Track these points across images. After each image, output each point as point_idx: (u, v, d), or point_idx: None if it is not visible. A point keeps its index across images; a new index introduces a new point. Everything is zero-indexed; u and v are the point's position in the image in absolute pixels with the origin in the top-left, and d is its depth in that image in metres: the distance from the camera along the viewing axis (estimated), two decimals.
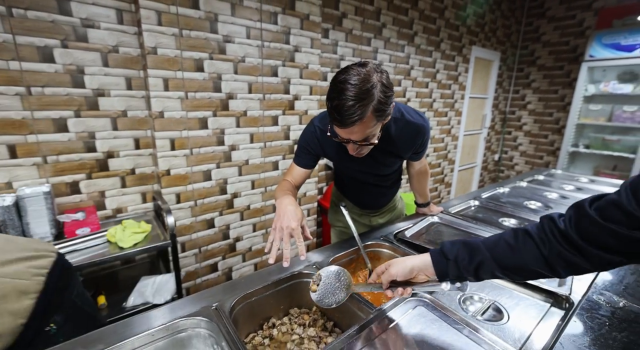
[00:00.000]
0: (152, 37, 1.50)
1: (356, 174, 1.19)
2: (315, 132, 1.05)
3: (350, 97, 0.73)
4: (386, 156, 1.07)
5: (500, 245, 0.61)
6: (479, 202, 1.63)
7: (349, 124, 0.76)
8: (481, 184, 4.77)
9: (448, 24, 3.23)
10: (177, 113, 1.65)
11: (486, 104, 4.28)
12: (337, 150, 1.05)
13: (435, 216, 1.40)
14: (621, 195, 0.50)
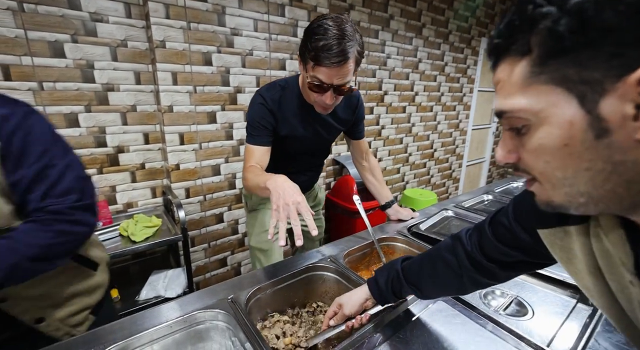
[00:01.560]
0: (160, 31, 1.49)
1: (300, 148, 1.11)
2: (264, 103, 0.99)
3: (339, 35, 0.78)
4: (332, 125, 1.10)
5: (423, 272, 0.67)
6: (492, 196, 1.61)
7: (341, 62, 0.79)
8: (489, 179, 4.71)
9: (457, 15, 3.17)
10: (185, 107, 1.65)
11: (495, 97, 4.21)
12: (293, 119, 1.03)
13: (449, 211, 1.38)
14: (508, 216, 0.54)
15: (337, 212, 2.49)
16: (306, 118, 1.04)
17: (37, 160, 0.66)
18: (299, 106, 1.02)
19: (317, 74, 0.84)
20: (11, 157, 0.63)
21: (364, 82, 2.58)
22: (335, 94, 0.88)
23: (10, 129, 0.63)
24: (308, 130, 1.06)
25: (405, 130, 3.10)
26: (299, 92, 1.02)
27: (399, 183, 3.27)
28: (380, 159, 2.96)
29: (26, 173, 0.64)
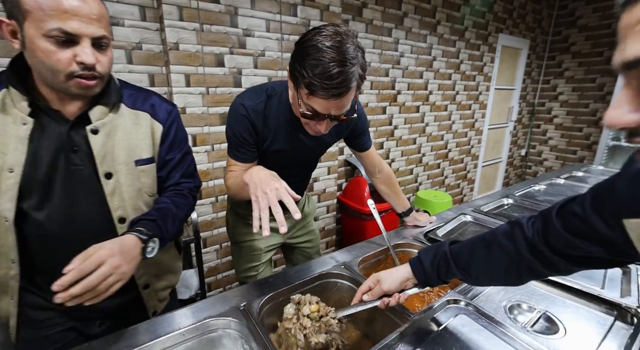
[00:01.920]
0: (174, 33, 1.49)
1: (285, 163, 1.00)
2: (246, 116, 0.87)
3: (339, 60, 0.66)
4: (324, 140, 1.00)
5: (475, 256, 0.63)
6: (512, 200, 1.54)
7: (342, 94, 0.69)
8: (506, 180, 4.58)
9: (473, 11, 3.08)
10: (198, 109, 1.65)
11: (513, 95, 4.09)
12: (279, 133, 0.91)
13: (468, 216, 1.33)
14: (584, 204, 0.49)
15: (349, 214, 2.46)
16: (294, 132, 0.92)
17: (182, 147, 0.86)
18: (287, 119, 0.90)
19: (312, 104, 0.73)
20: (167, 140, 0.82)
21: (377, 82, 2.54)
22: (332, 120, 0.78)
23: (171, 120, 0.82)
24: (296, 146, 0.95)
25: (418, 130, 3.03)
26: (287, 102, 0.89)
27: (412, 184, 3.21)
28: (393, 159, 2.91)
29: (175, 155, 0.84)
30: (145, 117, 0.78)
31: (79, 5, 0.58)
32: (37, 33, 0.57)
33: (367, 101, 2.52)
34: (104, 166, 0.71)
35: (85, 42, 0.60)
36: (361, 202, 2.33)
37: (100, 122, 0.71)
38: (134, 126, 0.76)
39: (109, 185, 0.73)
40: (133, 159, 0.76)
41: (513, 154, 4.52)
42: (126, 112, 0.76)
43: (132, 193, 0.76)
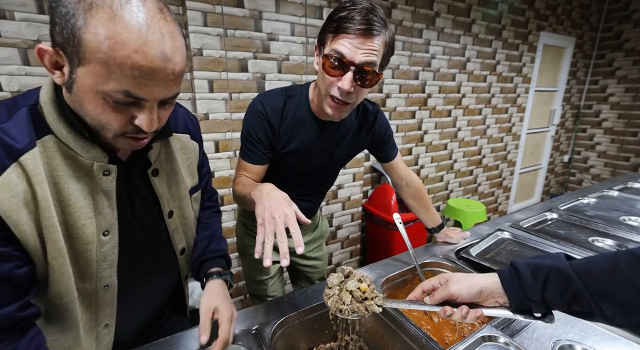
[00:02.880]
0: (197, 39, 1.49)
1: (303, 170, 0.94)
2: (263, 113, 0.83)
3: (368, 8, 0.68)
4: (345, 144, 0.94)
5: (618, 279, 0.44)
6: (557, 214, 1.38)
7: (368, 31, 0.66)
8: (546, 188, 4.24)
9: (512, 8, 2.87)
10: (221, 114, 1.63)
11: (555, 97, 3.78)
12: (297, 134, 0.86)
13: (505, 232, 1.19)
14: None
15: (375, 223, 2.35)
16: (313, 134, 0.88)
17: (206, 157, 0.82)
18: (306, 119, 0.87)
19: (338, 46, 0.68)
20: (201, 155, 0.77)
21: (406, 85, 2.42)
22: (357, 79, 0.70)
23: (200, 133, 0.77)
24: (314, 149, 0.90)
25: (450, 135, 2.87)
26: (308, 103, 0.87)
27: (442, 192, 3.04)
28: (422, 166, 2.77)
29: (206, 167, 0.81)
30: (187, 140, 0.71)
31: (162, 66, 0.44)
32: (93, 86, 0.43)
33: (395, 105, 2.41)
34: (167, 206, 0.67)
35: (152, 106, 0.48)
36: (387, 211, 2.22)
37: (158, 160, 0.64)
38: (181, 153, 0.69)
39: (172, 223, 0.69)
40: (187, 190, 0.72)
41: (554, 160, 4.18)
42: (171, 139, 0.67)
43: (189, 224, 0.74)
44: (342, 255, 2.35)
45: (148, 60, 0.42)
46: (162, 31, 0.43)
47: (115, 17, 0.40)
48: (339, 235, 2.27)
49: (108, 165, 0.54)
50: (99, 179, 0.54)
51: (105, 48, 0.40)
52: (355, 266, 2.46)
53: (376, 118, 0.96)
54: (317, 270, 1.20)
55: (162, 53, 0.43)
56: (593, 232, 1.21)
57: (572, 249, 1.06)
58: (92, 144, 0.52)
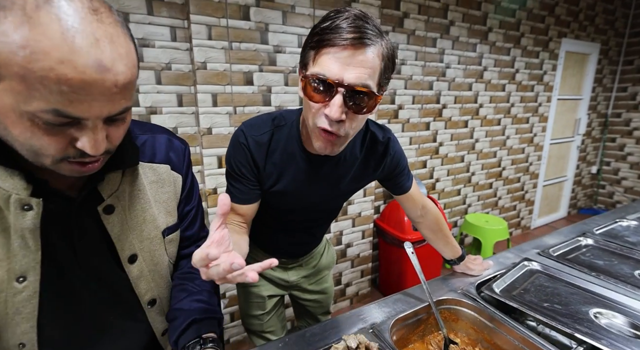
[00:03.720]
0: (202, 52, 1.46)
1: (295, 208, 0.82)
2: (246, 145, 0.70)
3: (356, 16, 0.54)
4: (345, 181, 0.79)
5: None
6: (592, 240, 1.22)
7: (357, 39, 0.52)
8: (573, 201, 3.99)
9: (531, 16, 2.75)
10: (225, 129, 1.58)
11: (580, 106, 3.58)
12: (286, 171, 0.74)
13: (534, 263, 1.05)
14: None
15: (387, 241, 2.23)
16: (307, 172, 0.74)
17: (197, 192, 0.70)
18: (298, 154, 0.73)
19: (321, 64, 0.54)
20: (186, 190, 0.66)
21: (419, 96, 2.32)
22: (348, 104, 0.55)
23: (187, 163, 0.66)
24: (308, 189, 0.76)
25: (467, 146, 2.73)
26: (299, 133, 0.73)
27: (459, 206, 2.88)
28: (437, 179, 2.64)
29: (194, 204, 0.68)
30: (165, 171, 0.60)
31: (99, 78, 0.36)
32: (15, 106, 0.35)
33: (408, 116, 2.31)
34: (128, 249, 0.56)
35: (95, 125, 0.40)
36: (401, 229, 2.10)
37: (115, 195, 0.53)
38: (154, 186, 0.59)
39: (134, 269, 0.58)
40: (160, 230, 0.60)
41: (581, 171, 3.93)
42: (141, 170, 0.57)
43: (162, 271, 0.63)
44: (352, 274, 2.23)
45: (78, 71, 0.34)
46: (97, 35, 0.35)
47: (29, 20, 0.32)
48: (348, 253, 2.16)
49: (29, 198, 0.44)
50: (16, 215, 0.44)
51: (21, 60, 0.33)
52: (366, 286, 2.33)
53: (387, 149, 0.80)
54: (320, 305, 1.09)
55: (98, 62, 0.35)
56: (639, 262, 1.05)
57: (615, 285, 0.91)
58: (12, 172, 0.43)
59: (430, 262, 2.16)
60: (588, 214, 4.04)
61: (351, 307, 2.26)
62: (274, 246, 0.94)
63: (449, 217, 2.84)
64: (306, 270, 1.03)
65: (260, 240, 0.94)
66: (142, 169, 0.57)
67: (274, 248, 0.95)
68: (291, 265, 1.00)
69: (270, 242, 0.94)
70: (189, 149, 0.68)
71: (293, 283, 1.01)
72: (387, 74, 0.59)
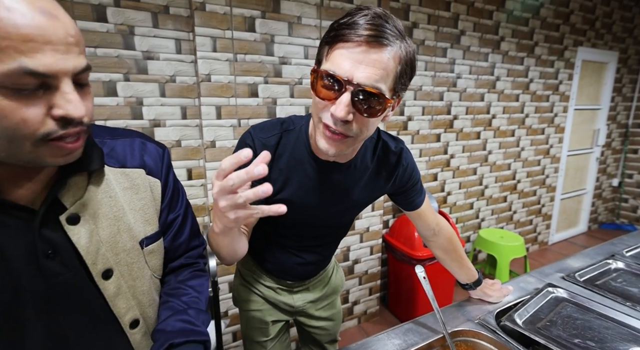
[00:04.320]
0: (206, 64, 1.44)
1: (304, 221, 0.77)
2: (251, 147, 0.67)
3: (374, 14, 0.51)
4: (355, 190, 0.75)
5: None
6: (623, 263, 1.12)
7: (373, 37, 0.49)
8: (594, 215, 3.80)
9: (544, 24, 2.68)
10: (228, 142, 1.55)
11: (598, 116, 3.45)
12: (294, 177, 0.69)
13: (559, 289, 0.96)
14: None
15: (396, 257, 2.14)
16: (315, 179, 0.70)
17: (183, 199, 0.65)
18: (306, 160, 0.69)
19: (333, 60, 0.51)
20: (167, 196, 0.61)
21: (429, 107, 2.26)
22: (356, 105, 0.52)
23: (166, 166, 0.62)
24: (316, 197, 0.72)
25: (479, 158, 2.64)
26: (308, 139, 0.69)
27: (472, 220, 2.77)
28: (449, 192, 2.54)
29: (179, 211, 0.64)
30: (139, 176, 0.57)
31: (50, 24, 0.36)
32: None
33: (418, 128, 2.24)
34: (101, 264, 0.51)
35: (65, 84, 0.38)
36: (411, 245, 2.01)
37: (80, 203, 0.48)
38: (128, 193, 0.55)
39: (111, 285, 0.52)
40: (137, 240, 0.56)
41: (602, 184, 3.76)
42: (112, 176, 0.53)
43: (142, 286, 0.57)
44: (360, 292, 2.13)
45: (28, 18, 0.34)
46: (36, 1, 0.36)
47: None
48: (356, 270, 2.08)
49: None
50: None
51: None
52: (375, 304, 2.23)
53: (400, 159, 0.76)
54: (327, 332, 1.01)
55: (42, 9, 0.36)
56: None
57: None
58: None
59: (443, 278, 2.05)
60: (610, 229, 3.84)
61: (359, 327, 2.16)
62: (280, 266, 0.88)
63: (461, 232, 2.73)
64: (313, 294, 0.96)
65: (264, 260, 0.89)
66: (113, 175, 0.53)
67: (279, 268, 0.89)
68: (297, 289, 0.93)
69: (276, 262, 0.88)
70: (168, 152, 0.63)
71: (299, 308, 0.95)
72: (404, 79, 0.55)
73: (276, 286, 0.92)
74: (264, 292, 0.92)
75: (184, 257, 0.66)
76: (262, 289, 0.92)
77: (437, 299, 0.77)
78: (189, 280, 0.65)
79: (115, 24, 1.33)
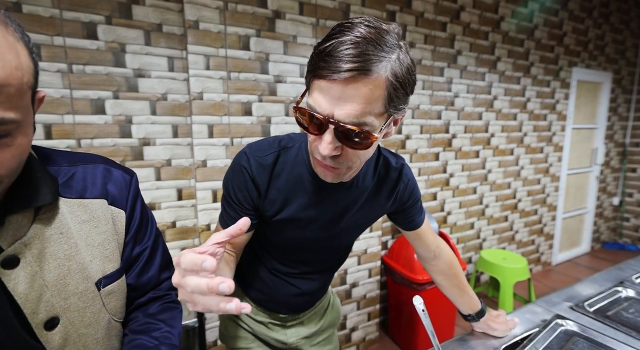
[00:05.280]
0: (199, 83, 1.41)
1: (303, 241, 0.72)
2: (247, 169, 0.64)
3: (362, 35, 0.44)
4: (356, 209, 0.71)
5: None
6: (633, 291, 1.04)
7: (350, 72, 0.43)
8: (596, 235, 3.73)
9: (539, 45, 2.71)
10: (220, 161, 1.50)
11: (596, 135, 3.45)
12: (293, 196, 0.66)
13: (569, 322, 0.89)
14: None
15: (396, 281, 2.04)
16: (316, 198, 0.67)
17: (152, 229, 0.60)
18: (306, 178, 0.66)
19: (314, 96, 0.48)
20: (133, 228, 0.56)
21: (427, 126, 2.24)
22: (341, 137, 0.49)
23: (134, 195, 0.56)
24: (318, 217, 0.68)
25: (479, 178, 2.60)
26: (308, 157, 0.65)
27: (473, 241, 2.69)
28: (449, 212, 2.48)
29: (147, 244, 0.58)
30: (100, 207, 0.50)
31: None
32: None
33: (416, 147, 2.21)
34: (42, 313, 0.44)
35: None
36: (411, 268, 1.93)
37: (21, 243, 0.42)
38: (85, 227, 0.48)
39: (55, 337, 0.45)
40: (92, 281, 0.49)
41: (602, 203, 3.71)
42: (67, 209, 0.47)
43: (97, 334, 0.50)
44: (358, 318, 2.02)
45: None
46: None
47: None
48: (354, 294, 1.98)
49: None
50: None
51: None
52: (374, 330, 2.12)
53: (401, 175, 0.73)
54: None
55: None
56: None
57: None
58: None
59: (444, 305, 1.95)
60: (614, 249, 3.76)
61: None
62: (272, 297, 0.81)
63: (462, 253, 2.65)
64: (308, 328, 0.88)
65: (254, 290, 0.82)
66: (69, 207, 0.47)
67: (272, 300, 0.82)
68: (291, 323, 0.86)
69: (268, 292, 0.81)
70: (136, 179, 0.58)
71: (292, 345, 0.86)
72: (399, 99, 0.49)
73: (268, 321, 0.84)
74: (253, 327, 0.85)
75: (154, 291, 0.60)
76: (251, 324, 0.85)
77: (438, 329, 0.70)
78: (159, 314, 0.58)
79: (106, 42, 1.31)
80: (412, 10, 2.03)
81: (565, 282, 2.99)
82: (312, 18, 1.60)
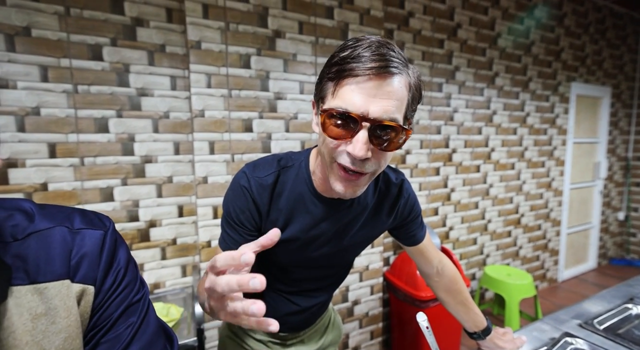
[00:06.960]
0: (200, 100, 1.43)
1: (304, 260, 0.71)
2: (248, 189, 0.63)
3: (378, 44, 0.49)
4: (359, 226, 0.71)
5: None
6: None
7: (383, 68, 0.47)
8: (602, 250, 3.66)
9: (537, 61, 2.75)
10: (221, 177, 1.50)
11: (597, 149, 3.44)
12: (294, 216, 0.65)
13: (578, 340, 0.86)
14: None
15: (399, 297, 2.01)
16: (318, 217, 0.66)
17: (136, 294, 0.44)
18: (307, 197, 0.66)
19: (343, 96, 0.48)
20: (108, 301, 0.41)
21: (427, 140, 2.25)
22: (374, 141, 0.49)
23: (107, 259, 0.41)
24: (319, 236, 0.68)
25: (481, 192, 2.58)
26: (309, 175, 0.66)
27: (476, 257, 2.65)
28: (451, 227, 2.45)
29: (140, 315, 0.43)
30: (59, 292, 0.37)
31: None
32: None
33: (416, 162, 2.21)
34: None
35: None
36: (414, 284, 1.89)
37: None
38: (39, 324, 0.35)
39: None
40: None
41: (607, 218, 3.66)
42: (14, 302, 0.34)
43: None
44: (360, 336, 1.98)
45: None
46: None
47: None
48: (356, 312, 1.94)
49: None
50: None
51: None
52: (377, 349, 2.06)
53: (401, 190, 0.73)
54: None
55: None
56: None
57: None
58: None
59: (448, 322, 1.91)
60: (621, 265, 3.69)
61: None
62: (272, 315, 0.79)
63: (465, 269, 2.60)
64: (308, 347, 0.87)
65: (268, 309, 0.80)
66: (15, 300, 0.34)
67: (271, 317, 0.79)
68: (291, 342, 0.85)
69: (268, 310, 0.79)
70: (111, 229, 0.43)
71: None
72: (414, 105, 0.54)
73: (267, 339, 0.83)
74: (252, 346, 0.83)
75: None
76: (251, 343, 0.83)
77: (443, 348, 0.68)
78: None
79: (111, 63, 1.35)
80: (409, 28, 2.08)
81: (572, 299, 2.92)
82: (311, 36, 1.65)
